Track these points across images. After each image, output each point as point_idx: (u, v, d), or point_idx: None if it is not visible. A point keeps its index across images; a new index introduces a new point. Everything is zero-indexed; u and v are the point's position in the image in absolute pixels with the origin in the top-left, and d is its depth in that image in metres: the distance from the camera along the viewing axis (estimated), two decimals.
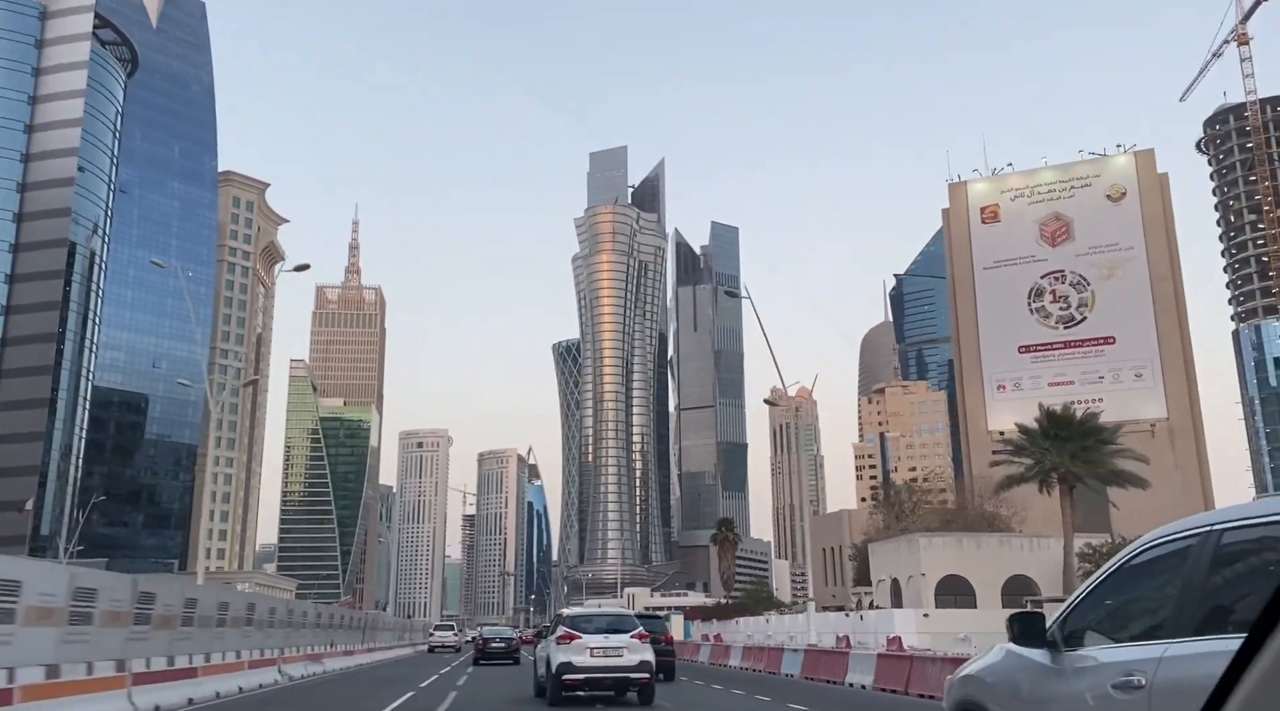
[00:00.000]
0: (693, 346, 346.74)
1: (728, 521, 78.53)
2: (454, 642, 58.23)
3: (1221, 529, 3.87)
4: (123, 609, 14.27)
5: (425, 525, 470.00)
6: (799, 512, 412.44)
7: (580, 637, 17.55)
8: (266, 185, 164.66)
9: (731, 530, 76.08)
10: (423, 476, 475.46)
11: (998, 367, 78.94)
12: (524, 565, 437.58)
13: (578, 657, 17.34)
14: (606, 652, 17.36)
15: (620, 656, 17.40)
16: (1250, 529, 3.77)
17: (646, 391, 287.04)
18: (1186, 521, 4.18)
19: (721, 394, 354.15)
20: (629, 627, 18.37)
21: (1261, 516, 3.71)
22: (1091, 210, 77.72)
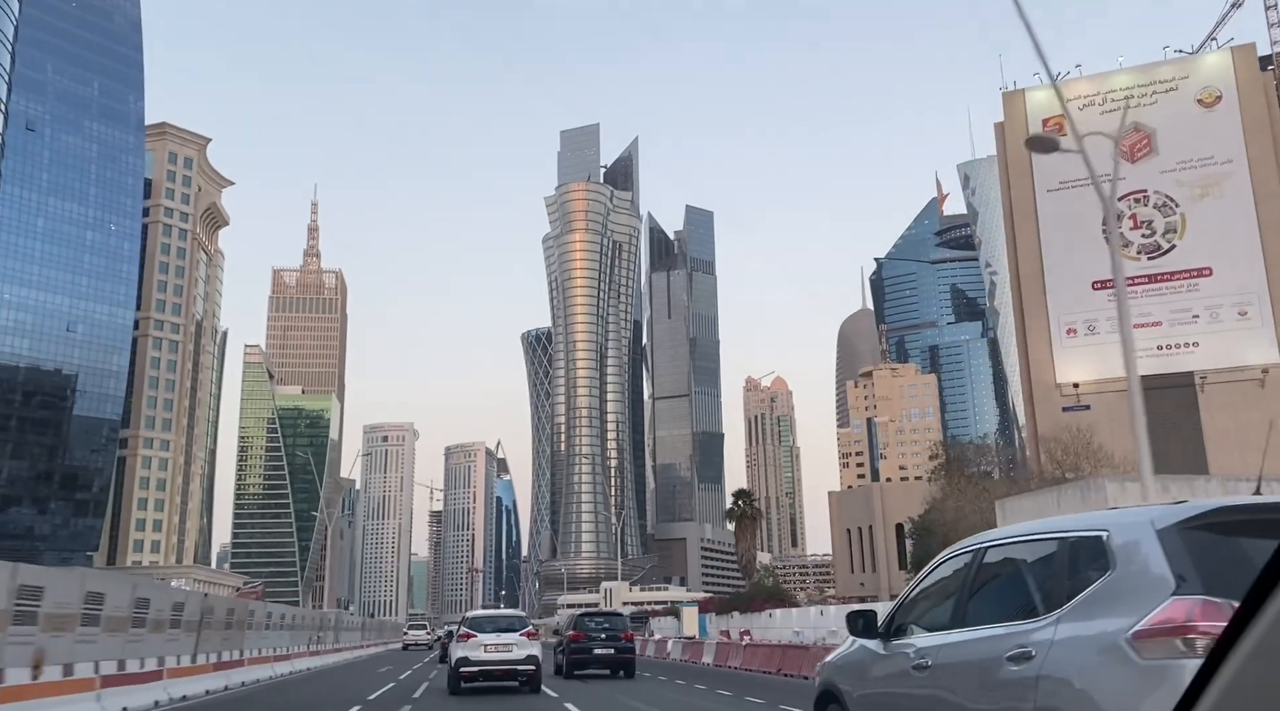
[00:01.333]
0: (667, 333, 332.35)
1: (745, 493, 64.37)
2: (426, 640, 61.19)
3: (985, 547, 5.24)
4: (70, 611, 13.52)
5: (390, 521, 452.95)
6: (775, 504, 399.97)
7: (476, 636, 20.03)
8: (207, 140, 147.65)
9: (751, 504, 62.00)
10: (388, 471, 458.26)
11: (1066, 307, 65.33)
12: (493, 562, 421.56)
13: (473, 653, 19.76)
14: (499, 648, 19.81)
15: (510, 651, 19.81)
16: (1002, 547, 5.14)
17: (621, 378, 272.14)
18: (969, 539, 5.55)
19: (697, 382, 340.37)
20: (520, 627, 20.95)
21: (1012, 537, 5.10)
22: (1178, 118, 64.46)
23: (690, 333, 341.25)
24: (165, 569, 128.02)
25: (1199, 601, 3.71)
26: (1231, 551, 3.89)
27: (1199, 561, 3.86)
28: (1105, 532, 4.33)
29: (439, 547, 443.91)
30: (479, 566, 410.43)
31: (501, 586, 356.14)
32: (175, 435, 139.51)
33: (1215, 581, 3.75)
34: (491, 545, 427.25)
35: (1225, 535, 3.95)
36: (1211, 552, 3.89)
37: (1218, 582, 3.73)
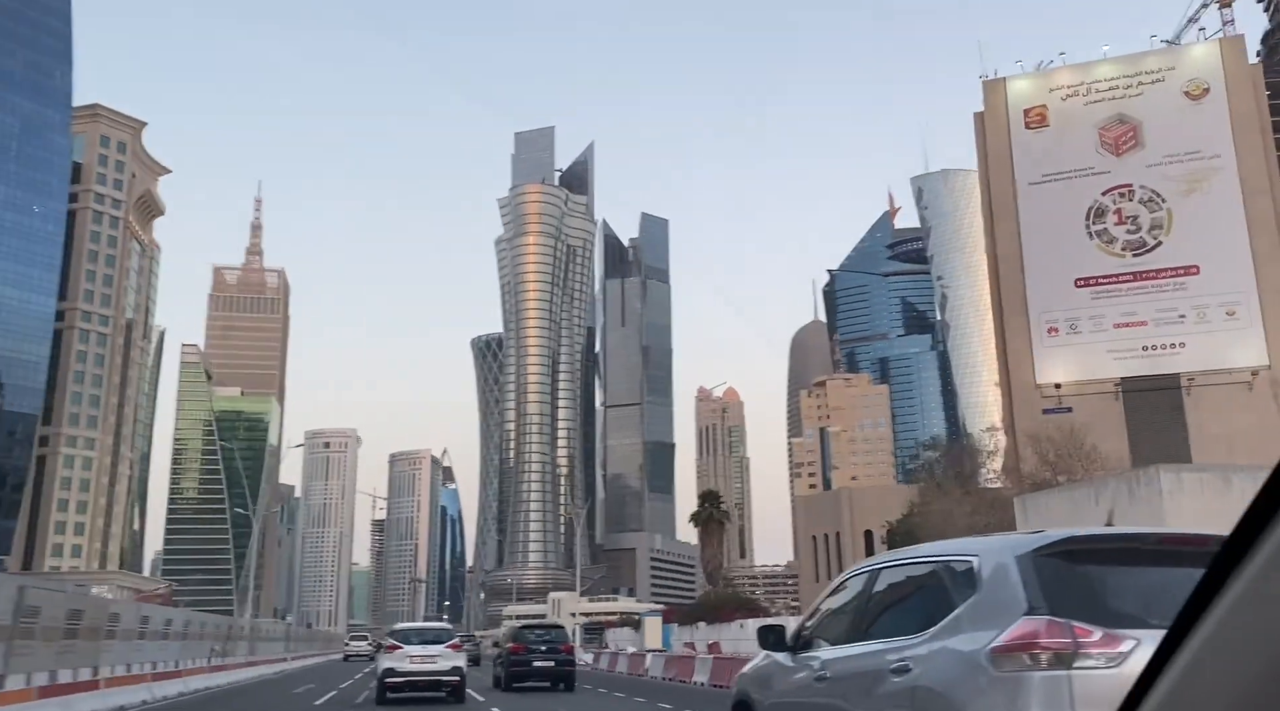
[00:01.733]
0: (620, 341, 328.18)
1: (713, 494, 60.18)
2: (368, 651, 61.17)
3: (880, 567, 5.72)
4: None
5: (331, 530, 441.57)
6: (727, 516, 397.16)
7: (403, 648, 20.66)
8: (142, 124, 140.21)
9: (718, 506, 57.69)
10: (329, 478, 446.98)
11: (1048, 305, 62.33)
12: (436, 572, 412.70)
13: (399, 664, 20.39)
14: (424, 660, 20.42)
15: (435, 662, 20.45)
16: (894, 568, 5.66)
17: (573, 385, 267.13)
18: (868, 560, 6.16)
19: (649, 391, 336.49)
20: (445, 639, 21.88)
21: (902, 559, 5.71)
22: (1165, 111, 61.94)
23: (643, 341, 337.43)
24: (86, 574, 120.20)
25: (1044, 621, 4.15)
26: (1076, 576, 4.39)
27: (1048, 585, 4.31)
28: (976, 558, 4.82)
29: (381, 557, 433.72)
30: (422, 576, 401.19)
31: (445, 597, 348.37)
32: (102, 434, 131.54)
33: (1060, 603, 4.22)
34: (435, 555, 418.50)
35: (1072, 562, 4.45)
36: (1060, 578, 4.35)
37: (1062, 604, 4.20)
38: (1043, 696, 4.03)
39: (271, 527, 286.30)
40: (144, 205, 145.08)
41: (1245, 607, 1.02)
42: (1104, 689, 3.88)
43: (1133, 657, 3.93)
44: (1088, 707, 3.95)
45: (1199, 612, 1.09)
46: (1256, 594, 1.00)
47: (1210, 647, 1.07)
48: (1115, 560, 4.52)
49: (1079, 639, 4.07)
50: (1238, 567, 1.04)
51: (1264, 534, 1.00)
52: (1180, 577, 3.88)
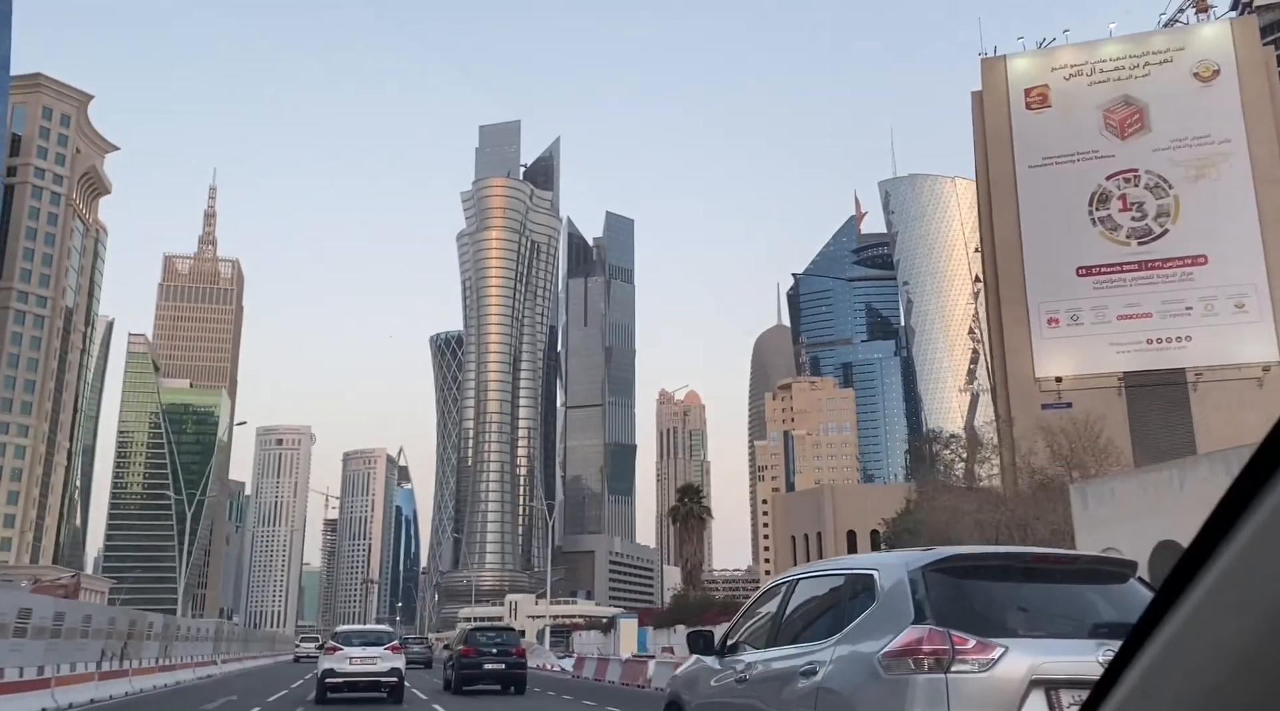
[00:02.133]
0: (582, 341, 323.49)
1: (692, 488, 55.74)
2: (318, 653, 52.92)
3: (798, 578, 6.24)
4: None
5: (282, 528, 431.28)
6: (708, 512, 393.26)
7: (343, 649, 21.27)
8: (88, 97, 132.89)
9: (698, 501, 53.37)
10: (281, 476, 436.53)
11: (1049, 295, 58.89)
12: (389, 573, 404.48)
13: (339, 665, 20.95)
14: (364, 661, 20.94)
15: (374, 664, 20.96)
16: (808, 579, 6.15)
17: (534, 384, 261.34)
18: (788, 572, 6.63)
19: (611, 392, 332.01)
20: (385, 641, 22.41)
21: (816, 572, 6.24)
22: (1173, 93, 58.83)
23: (606, 341, 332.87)
24: (15, 569, 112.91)
25: (926, 629, 4.63)
26: (958, 590, 4.88)
27: (933, 598, 4.80)
28: (877, 572, 5.27)
29: (333, 557, 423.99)
30: (375, 577, 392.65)
31: (398, 598, 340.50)
32: (36, 420, 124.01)
33: (942, 613, 4.71)
34: (389, 556, 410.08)
35: (956, 577, 4.95)
36: (944, 591, 4.84)
37: (944, 614, 4.70)
38: (924, 697, 4.51)
39: (220, 525, 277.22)
40: (89, 183, 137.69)
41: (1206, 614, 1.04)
42: (976, 691, 4.48)
43: (1001, 663, 4.49)
44: (962, 707, 4.47)
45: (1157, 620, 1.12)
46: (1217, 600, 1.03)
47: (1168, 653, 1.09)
48: (993, 576, 5.03)
49: (956, 646, 4.56)
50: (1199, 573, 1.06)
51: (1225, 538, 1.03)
52: (1049, 592, 4.96)
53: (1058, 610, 4.93)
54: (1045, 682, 4.51)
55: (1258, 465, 1.00)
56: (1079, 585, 5.11)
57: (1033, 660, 4.54)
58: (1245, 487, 1.01)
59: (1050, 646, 4.64)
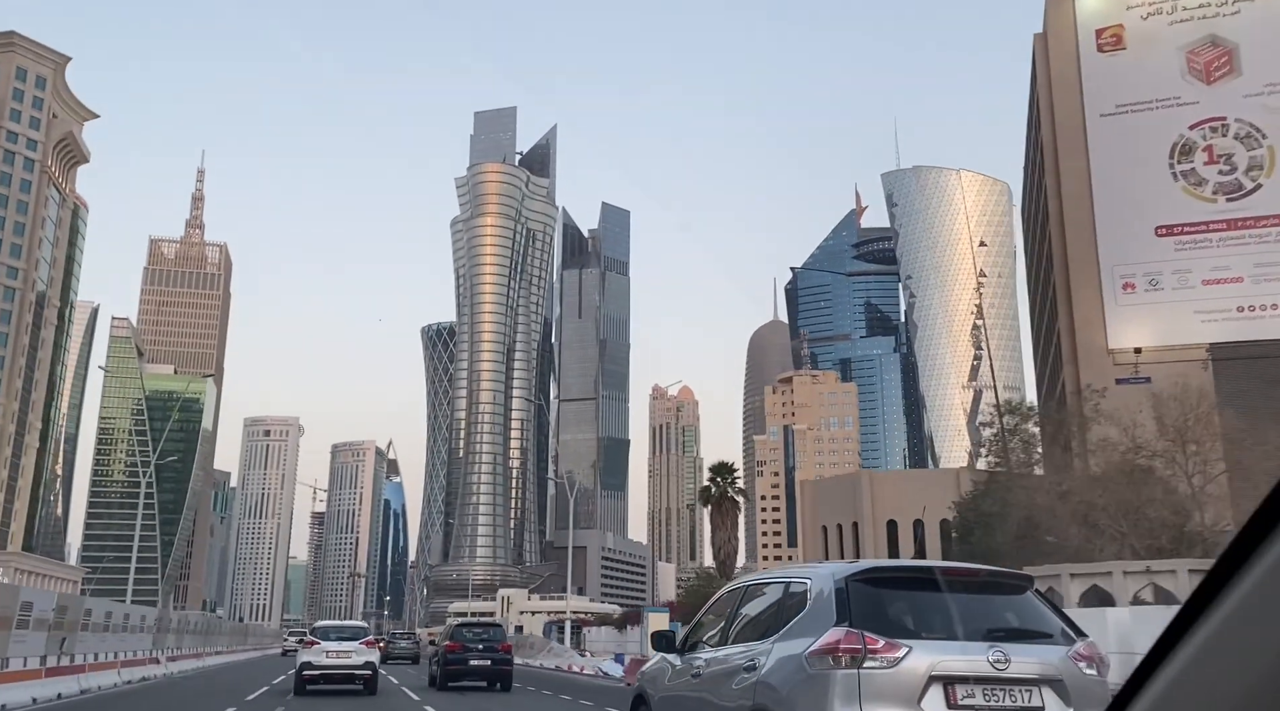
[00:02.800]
0: (576, 334, 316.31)
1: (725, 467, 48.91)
2: None
3: (748, 585, 7.19)
4: None
5: (269, 521, 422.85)
6: (676, 516, 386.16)
7: (320, 643, 22.42)
8: (66, 59, 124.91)
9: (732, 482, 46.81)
10: (268, 468, 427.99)
11: (1123, 257, 52.45)
12: (377, 567, 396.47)
13: (316, 658, 22.15)
14: (340, 655, 22.10)
15: (350, 657, 22.12)
16: (757, 585, 6.99)
17: (528, 376, 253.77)
18: (738, 580, 8.05)
19: (605, 386, 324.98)
20: (361, 636, 23.32)
21: (763, 579, 7.12)
22: (1266, 33, 52.14)
23: (600, 334, 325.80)
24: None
25: (844, 631, 5.37)
26: (874, 597, 5.63)
27: (853, 604, 5.53)
28: (809, 581, 6.10)
29: (320, 550, 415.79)
30: (362, 571, 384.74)
31: (386, 592, 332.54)
32: (5, 399, 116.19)
33: (859, 617, 5.44)
34: (377, 549, 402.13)
35: (874, 586, 5.73)
36: (862, 598, 5.57)
37: (860, 618, 5.43)
38: (840, 689, 5.24)
39: (204, 515, 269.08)
40: (65, 150, 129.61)
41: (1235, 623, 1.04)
42: (884, 684, 5.21)
43: (906, 661, 5.23)
44: (872, 698, 5.21)
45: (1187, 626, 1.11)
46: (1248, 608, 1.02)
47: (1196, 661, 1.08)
48: (906, 586, 5.94)
49: (868, 646, 5.27)
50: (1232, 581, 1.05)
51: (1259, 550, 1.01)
52: (953, 601, 5.67)
53: (958, 616, 5.57)
54: (943, 678, 5.21)
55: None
56: (980, 595, 5.84)
57: (933, 659, 5.25)
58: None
59: (948, 647, 5.36)
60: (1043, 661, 5.39)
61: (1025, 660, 5.33)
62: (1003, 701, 5.24)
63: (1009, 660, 5.25)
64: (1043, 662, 5.38)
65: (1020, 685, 5.29)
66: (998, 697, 5.23)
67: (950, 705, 5.23)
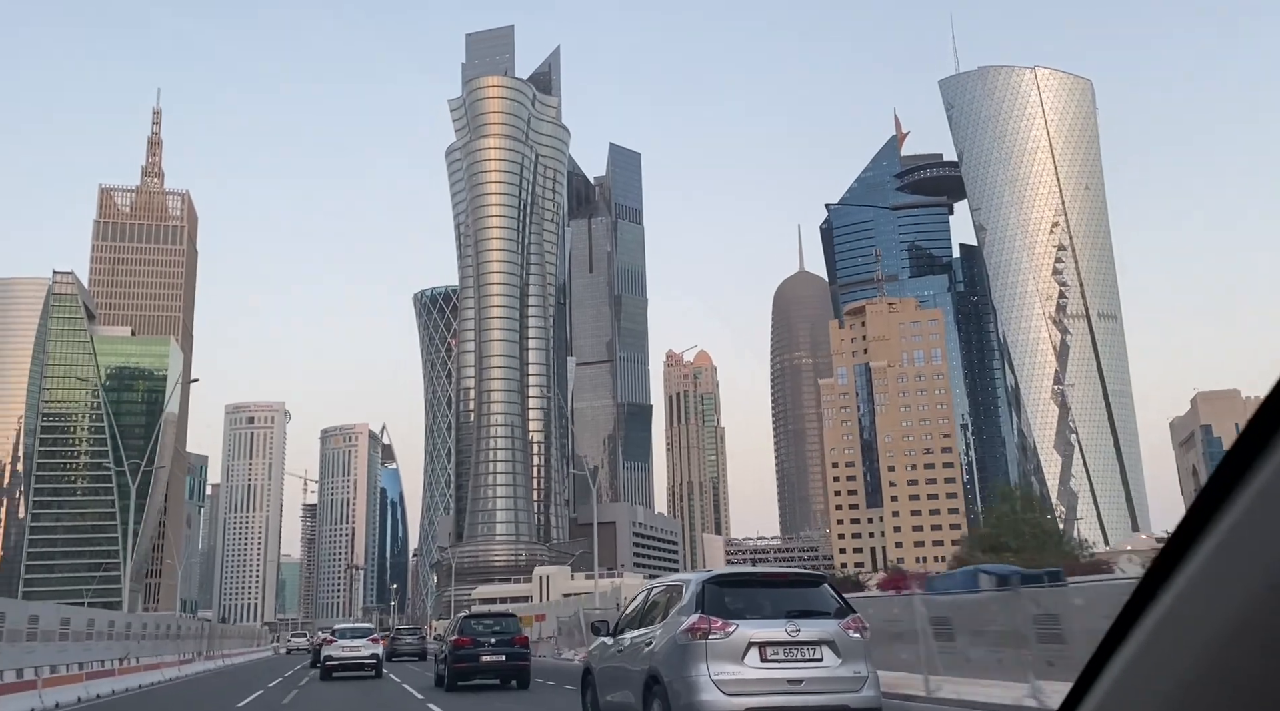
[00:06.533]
0: (587, 290, 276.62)
1: None
2: (306, 645, 68.20)
3: (654, 586, 10.28)
4: None
5: (256, 514, 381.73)
6: (699, 490, 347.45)
7: (337, 641, 29.04)
8: None
9: None
10: (253, 457, 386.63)
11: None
12: (376, 558, 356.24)
13: (335, 652, 28.45)
14: (352, 649, 28.20)
15: (360, 651, 28.09)
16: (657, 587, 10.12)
17: (545, 327, 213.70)
18: (649, 583, 11.62)
19: (621, 346, 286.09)
20: (368, 634, 29.65)
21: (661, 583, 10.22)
22: None
23: (614, 289, 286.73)
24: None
25: (700, 616, 8.25)
26: (719, 593, 8.50)
27: (708, 597, 8.42)
28: (687, 582, 8.99)
29: (313, 544, 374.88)
30: (360, 563, 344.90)
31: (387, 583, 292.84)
32: None
33: (710, 607, 8.27)
34: (374, 540, 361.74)
35: (718, 586, 8.66)
36: (711, 594, 8.46)
37: (712, 607, 8.28)
38: (697, 653, 8.05)
39: (176, 504, 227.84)
40: None
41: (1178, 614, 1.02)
42: (722, 649, 8.02)
43: (735, 634, 8.08)
44: (716, 657, 8.01)
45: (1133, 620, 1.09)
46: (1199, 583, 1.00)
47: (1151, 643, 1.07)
48: (740, 584, 8.97)
49: (713, 625, 8.08)
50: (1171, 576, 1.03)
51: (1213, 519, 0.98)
52: (769, 594, 8.82)
53: (770, 603, 8.47)
54: (758, 643, 8.03)
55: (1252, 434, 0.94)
56: (786, 588, 8.96)
57: (751, 631, 8.06)
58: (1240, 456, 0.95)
59: (761, 623, 8.16)
60: (822, 629, 8.17)
61: (810, 629, 8.12)
62: (795, 656, 8.02)
63: (800, 629, 8.08)
64: (822, 630, 8.16)
65: (807, 645, 8.06)
66: (792, 653, 8.02)
67: (763, 660, 8.00)
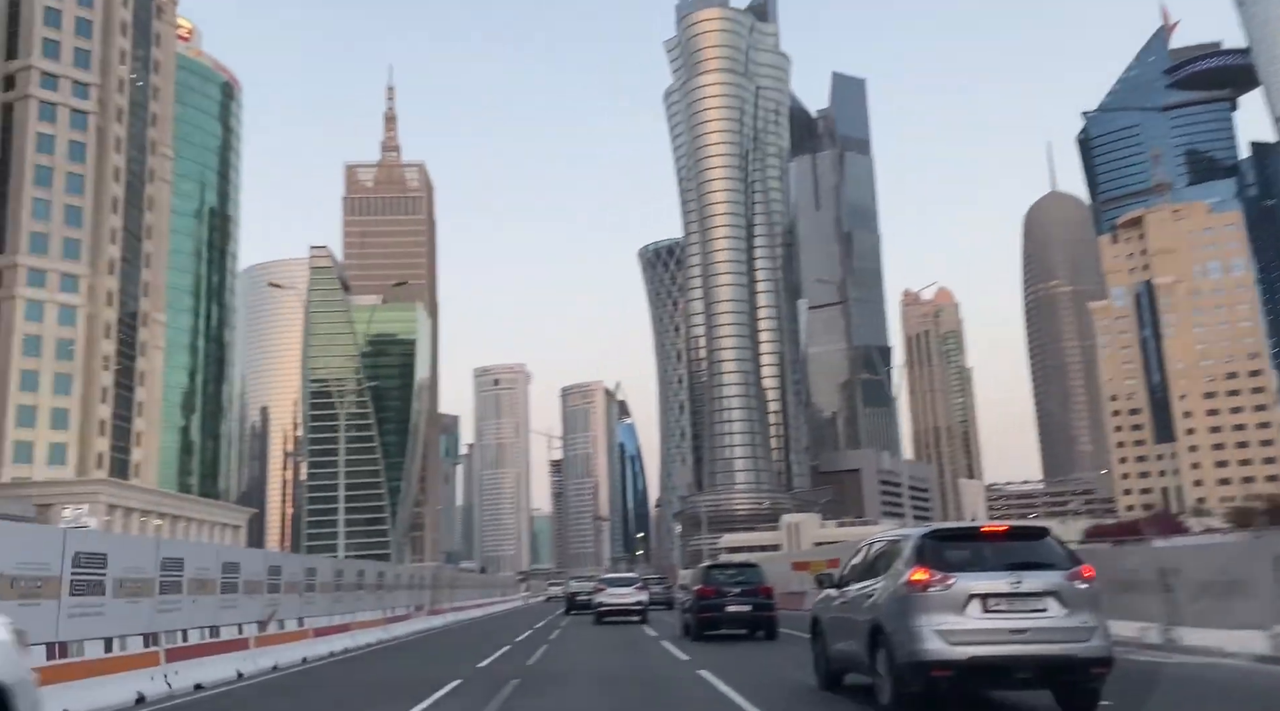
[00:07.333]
0: (814, 229, 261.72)
1: None
2: (560, 593, 67.55)
3: (874, 541, 10.06)
4: None
5: (508, 471, 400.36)
6: (947, 435, 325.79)
7: (607, 589, 30.99)
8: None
9: None
10: (500, 417, 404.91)
11: None
12: (620, 510, 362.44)
13: (606, 599, 30.38)
14: (621, 596, 30.21)
15: (627, 598, 30.10)
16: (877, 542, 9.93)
17: (773, 271, 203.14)
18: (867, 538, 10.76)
19: (854, 286, 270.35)
20: (633, 583, 31.45)
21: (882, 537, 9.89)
22: None
23: (843, 226, 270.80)
24: (56, 488, 68.49)
25: (919, 567, 8.28)
26: (937, 547, 8.47)
27: (926, 551, 8.44)
28: (904, 538, 9.04)
29: (561, 498, 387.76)
30: (605, 514, 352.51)
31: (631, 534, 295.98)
32: (90, 271, 78.98)
33: (930, 560, 8.31)
34: (617, 492, 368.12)
35: (938, 541, 8.59)
36: (931, 548, 8.46)
37: (931, 561, 8.29)
38: (916, 603, 8.12)
39: (433, 462, 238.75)
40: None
41: None
42: (940, 600, 8.04)
43: (954, 587, 8.06)
44: (934, 610, 8.05)
45: None
46: None
47: None
48: (955, 538, 8.72)
49: (932, 576, 8.14)
50: None
51: None
52: (991, 547, 8.47)
53: (992, 556, 8.33)
54: (979, 595, 8.00)
55: None
56: (1007, 542, 8.56)
57: (971, 583, 8.03)
58: None
59: (981, 576, 8.08)
60: (1045, 580, 8.05)
61: (1033, 580, 8.03)
62: (1018, 607, 7.96)
63: (1022, 581, 8.00)
64: (1045, 581, 8.04)
65: (1031, 596, 7.98)
66: (1015, 604, 7.97)
67: (985, 611, 8.00)
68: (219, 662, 12.89)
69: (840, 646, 10.00)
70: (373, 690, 12.22)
